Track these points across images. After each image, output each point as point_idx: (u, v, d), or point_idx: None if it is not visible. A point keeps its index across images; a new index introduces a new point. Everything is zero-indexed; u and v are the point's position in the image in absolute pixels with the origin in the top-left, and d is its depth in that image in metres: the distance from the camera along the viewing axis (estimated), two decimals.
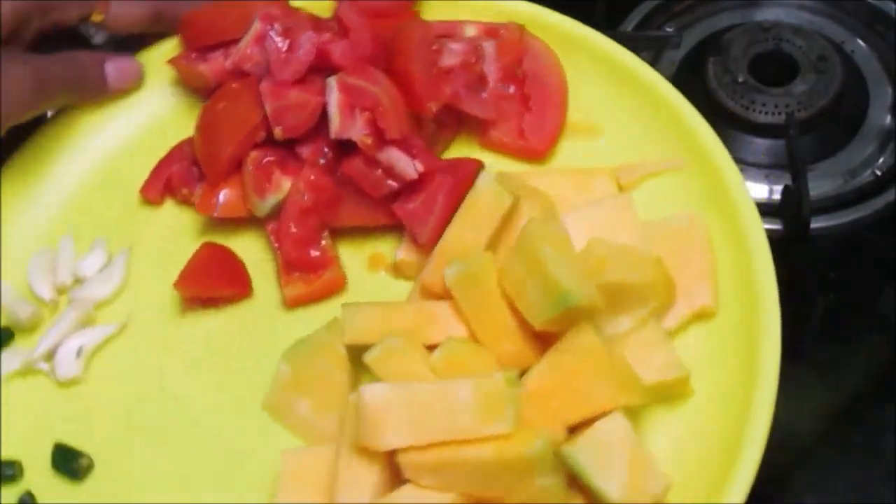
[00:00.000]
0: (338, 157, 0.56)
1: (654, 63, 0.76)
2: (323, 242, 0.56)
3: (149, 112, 0.64)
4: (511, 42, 0.61)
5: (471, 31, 0.62)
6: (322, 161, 0.57)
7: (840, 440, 0.60)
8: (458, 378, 0.46)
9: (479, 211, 0.51)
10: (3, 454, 0.53)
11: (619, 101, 0.59)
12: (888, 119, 0.71)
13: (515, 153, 0.60)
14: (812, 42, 0.73)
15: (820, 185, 0.68)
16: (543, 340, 0.48)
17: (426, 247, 0.54)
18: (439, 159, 0.58)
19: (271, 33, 0.58)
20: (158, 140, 0.62)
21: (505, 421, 0.44)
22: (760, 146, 0.71)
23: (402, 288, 0.56)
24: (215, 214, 0.58)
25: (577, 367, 0.46)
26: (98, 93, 0.62)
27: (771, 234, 0.65)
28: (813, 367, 0.63)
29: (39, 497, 0.52)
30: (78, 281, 0.59)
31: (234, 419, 0.53)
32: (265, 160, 0.57)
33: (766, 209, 0.67)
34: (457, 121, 0.60)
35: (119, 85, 0.62)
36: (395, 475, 0.46)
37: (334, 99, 0.55)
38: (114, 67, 0.62)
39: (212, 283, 0.56)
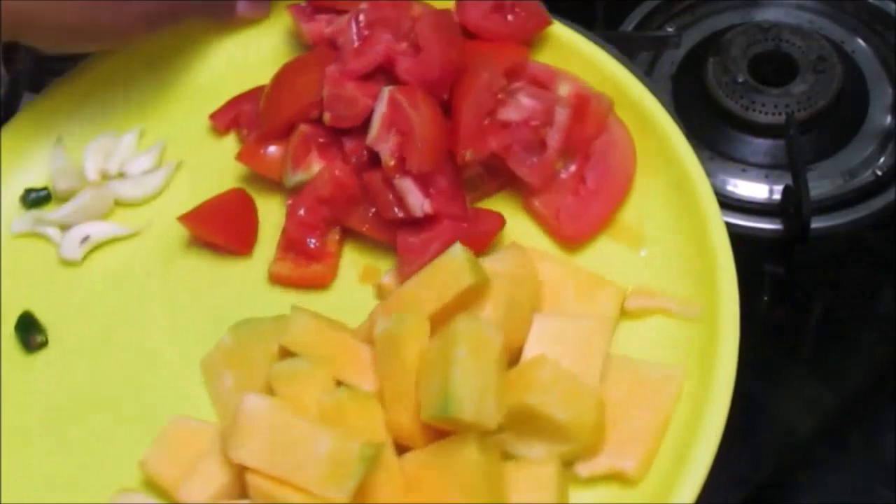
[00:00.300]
0: (371, 162, 0.56)
1: (653, 63, 0.76)
2: (328, 237, 0.56)
3: (257, 48, 0.65)
4: (594, 116, 0.56)
5: (564, 89, 0.57)
6: (354, 160, 0.56)
7: (840, 440, 0.59)
8: (327, 428, 0.44)
9: (440, 278, 0.49)
10: None
11: (675, 222, 0.54)
12: (888, 119, 0.71)
13: (548, 229, 0.56)
14: (812, 42, 0.73)
15: (820, 185, 0.68)
16: (438, 430, 0.46)
17: None
18: (460, 205, 0.55)
19: (353, 22, 0.57)
20: (255, 76, 0.63)
21: (343, 492, 0.43)
22: (760, 146, 0.71)
23: None
24: (249, 165, 0.58)
25: (446, 475, 0.45)
26: (226, 18, 0.64)
27: (771, 234, 0.66)
28: (813, 367, 0.62)
29: None
30: (121, 175, 0.61)
31: (181, 361, 0.54)
32: (310, 137, 0.57)
33: (766, 209, 0.67)
34: (509, 173, 0.56)
35: (246, 15, 0.64)
36: (242, 487, 0.46)
37: (380, 109, 0.54)
38: None
39: (218, 228, 0.57)
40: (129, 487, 0.49)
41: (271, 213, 0.59)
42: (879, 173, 0.68)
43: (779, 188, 0.68)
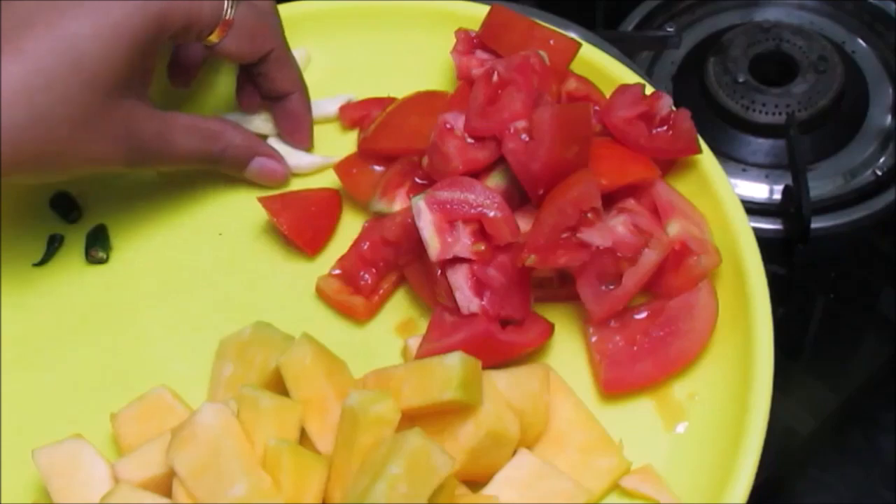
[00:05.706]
0: None
1: (653, 63, 0.76)
2: (385, 278, 0.54)
3: (428, 59, 0.61)
4: (689, 272, 0.50)
5: (673, 230, 0.51)
6: None
7: (840, 440, 0.59)
8: (250, 474, 0.43)
9: (427, 378, 0.44)
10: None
11: (723, 411, 0.48)
12: (888, 119, 0.71)
13: (591, 365, 0.51)
14: (812, 42, 0.73)
15: (820, 185, 0.68)
16: None
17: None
18: (513, 303, 0.49)
19: (486, 78, 0.52)
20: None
21: None
22: (760, 146, 0.70)
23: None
24: (341, 178, 0.56)
25: None
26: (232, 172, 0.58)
27: (771, 234, 0.66)
28: (813, 367, 0.62)
29: None
30: None
31: (205, 330, 0.53)
32: (409, 171, 0.54)
33: (766, 209, 0.67)
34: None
35: (256, 180, 0.58)
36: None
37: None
38: (258, 167, 0.57)
39: (290, 220, 0.55)
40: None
41: (350, 227, 0.56)
42: (879, 173, 0.68)
43: (779, 188, 0.67)
